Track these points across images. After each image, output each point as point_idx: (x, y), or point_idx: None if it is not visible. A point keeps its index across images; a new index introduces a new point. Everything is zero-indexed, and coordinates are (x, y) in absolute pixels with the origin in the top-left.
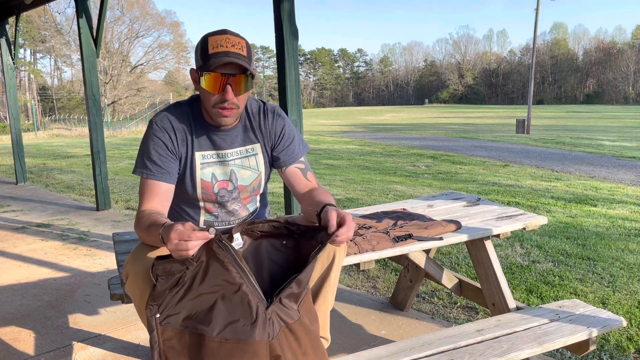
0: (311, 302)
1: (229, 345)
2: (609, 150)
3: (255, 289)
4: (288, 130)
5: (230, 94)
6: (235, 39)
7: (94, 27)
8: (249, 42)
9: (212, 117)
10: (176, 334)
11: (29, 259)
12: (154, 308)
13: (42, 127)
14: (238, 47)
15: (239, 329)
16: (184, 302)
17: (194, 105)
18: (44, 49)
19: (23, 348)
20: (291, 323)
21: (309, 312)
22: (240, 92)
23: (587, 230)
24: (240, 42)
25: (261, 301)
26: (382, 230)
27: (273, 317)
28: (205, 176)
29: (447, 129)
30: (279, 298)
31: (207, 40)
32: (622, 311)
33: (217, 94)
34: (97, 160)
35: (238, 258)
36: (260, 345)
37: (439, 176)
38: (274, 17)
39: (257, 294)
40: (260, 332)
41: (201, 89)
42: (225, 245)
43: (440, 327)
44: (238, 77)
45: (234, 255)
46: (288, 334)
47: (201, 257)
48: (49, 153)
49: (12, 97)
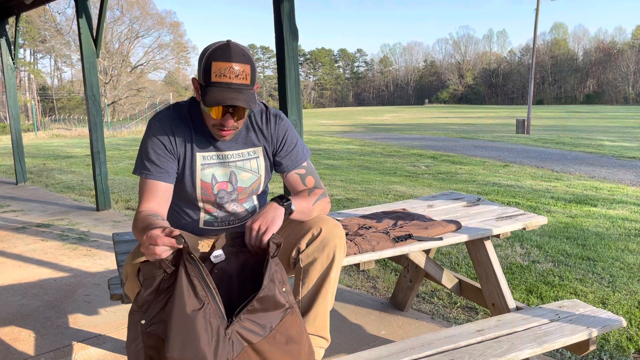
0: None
1: None
2: (609, 150)
3: (218, 307)
4: (290, 136)
5: (230, 121)
6: (239, 67)
7: (94, 27)
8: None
9: (212, 130)
10: (158, 343)
11: (29, 259)
12: (139, 314)
13: (42, 127)
14: (242, 77)
15: (201, 349)
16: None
17: (194, 106)
18: (44, 49)
19: (23, 348)
20: (256, 343)
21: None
22: (240, 117)
23: (587, 231)
24: (245, 69)
25: (222, 321)
26: (382, 230)
27: (233, 337)
28: (205, 177)
29: (447, 129)
30: (238, 317)
31: (211, 62)
32: (622, 311)
33: (218, 118)
34: (97, 161)
35: (204, 273)
36: None
37: (439, 176)
38: (274, 17)
39: (219, 314)
40: (219, 354)
41: (203, 107)
42: (193, 259)
43: (440, 327)
44: (239, 109)
45: (200, 270)
46: (252, 354)
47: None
48: (49, 153)
49: (12, 97)
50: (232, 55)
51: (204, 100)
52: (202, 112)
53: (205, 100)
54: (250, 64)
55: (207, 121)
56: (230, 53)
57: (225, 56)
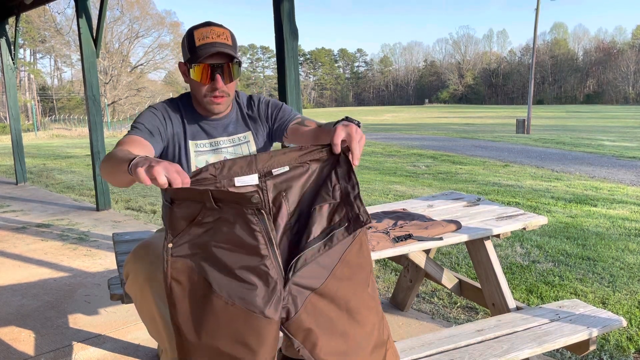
0: (365, 244)
1: (235, 310)
2: (609, 150)
3: (279, 265)
4: (273, 102)
5: (219, 82)
6: (219, 29)
7: (94, 27)
8: (233, 33)
9: (204, 106)
10: (186, 269)
11: (29, 259)
12: (169, 236)
13: (42, 127)
14: (223, 37)
15: (250, 299)
16: (202, 244)
17: (184, 99)
18: (43, 49)
19: (23, 348)
20: (319, 287)
21: (353, 259)
22: (229, 79)
23: (587, 230)
24: (225, 32)
25: (280, 278)
26: (382, 230)
27: (293, 290)
28: (199, 164)
29: (447, 129)
30: (295, 274)
31: (193, 34)
32: (622, 311)
33: (207, 84)
34: (97, 161)
35: (270, 229)
36: (268, 323)
37: (439, 176)
38: (274, 17)
39: (279, 271)
40: (272, 311)
41: (191, 81)
42: (261, 214)
43: (440, 327)
44: (226, 66)
45: (267, 227)
46: (317, 301)
47: (225, 209)
48: (49, 153)
49: (12, 97)
50: (211, 23)
51: (194, 60)
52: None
53: (196, 58)
54: (230, 31)
55: (198, 96)
56: (209, 22)
57: (205, 24)
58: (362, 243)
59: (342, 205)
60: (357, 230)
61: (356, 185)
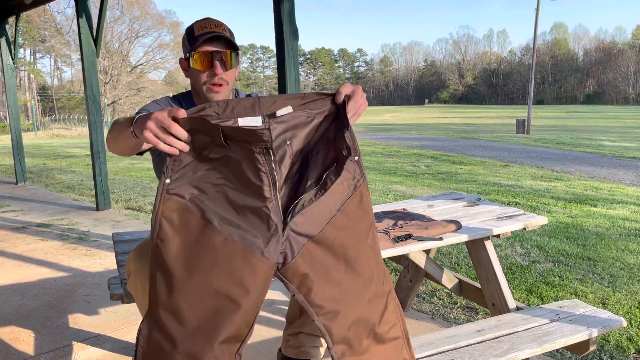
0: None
1: (233, 246)
2: (609, 150)
3: (279, 209)
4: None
5: (219, 69)
6: (217, 21)
7: (94, 27)
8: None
9: (204, 95)
10: (179, 208)
11: (29, 259)
12: (168, 173)
13: (42, 127)
14: (221, 28)
15: (250, 238)
16: (205, 182)
17: (185, 96)
18: (44, 49)
19: (23, 348)
20: (317, 235)
21: (353, 209)
22: (228, 67)
23: (587, 231)
24: (222, 24)
25: (280, 223)
26: (382, 230)
27: (289, 236)
28: None
29: (447, 129)
30: (293, 219)
31: (192, 27)
32: (622, 311)
33: (207, 71)
34: (97, 160)
35: (276, 170)
36: (265, 264)
37: (439, 176)
38: (274, 17)
39: (279, 215)
40: (270, 252)
41: (192, 70)
42: (269, 154)
43: (440, 327)
44: (225, 53)
45: (272, 169)
46: (314, 248)
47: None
48: (49, 153)
49: (12, 97)
50: (209, 17)
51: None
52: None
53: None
54: (228, 27)
55: (198, 86)
56: (208, 17)
57: (204, 18)
58: (362, 196)
59: (335, 150)
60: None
61: (348, 128)
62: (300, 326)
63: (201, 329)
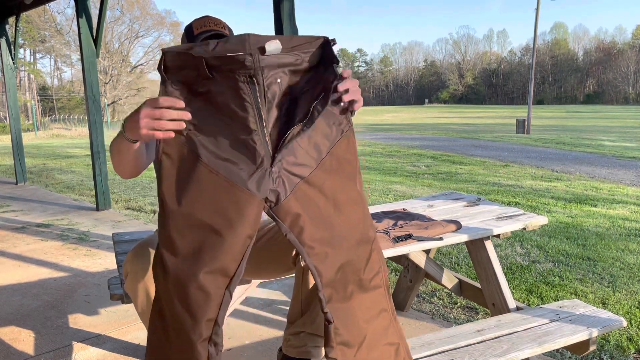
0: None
1: (218, 179)
2: (609, 150)
3: (266, 142)
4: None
5: None
6: (216, 19)
7: (94, 27)
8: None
9: None
10: (177, 144)
11: (29, 259)
12: None
13: (42, 127)
14: (220, 26)
15: (234, 170)
16: (194, 116)
17: None
18: (44, 49)
19: (23, 348)
20: (308, 176)
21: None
22: None
23: (587, 231)
24: (222, 22)
25: (268, 156)
26: (382, 230)
27: (282, 175)
28: None
29: (447, 129)
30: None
31: (191, 25)
32: (622, 311)
33: None
34: (97, 160)
35: (261, 104)
36: (250, 197)
37: (439, 176)
38: (274, 17)
39: (266, 148)
40: (255, 185)
41: None
42: (253, 84)
43: (440, 327)
44: None
45: (257, 99)
46: (307, 188)
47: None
48: (49, 153)
49: (12, 97)
50: (209, 15)
51: None
52: None
53: None
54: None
55: None
56: (207, 15)
57: (202, 17)
58: (349, 140)
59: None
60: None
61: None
62: (301, 325)
63: (188, 257)
